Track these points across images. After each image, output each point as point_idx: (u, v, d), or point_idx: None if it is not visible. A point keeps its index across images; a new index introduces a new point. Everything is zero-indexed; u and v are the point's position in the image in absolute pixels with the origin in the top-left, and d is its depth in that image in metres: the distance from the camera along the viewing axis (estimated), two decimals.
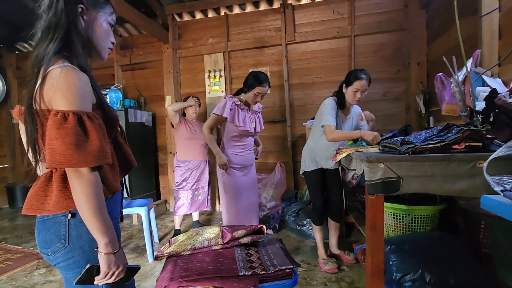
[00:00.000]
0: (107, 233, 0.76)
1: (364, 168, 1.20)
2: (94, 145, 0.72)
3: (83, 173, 0.72)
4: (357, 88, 1.88)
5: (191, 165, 2.85)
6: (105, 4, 0.89)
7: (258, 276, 1.00)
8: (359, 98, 1.91)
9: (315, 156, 2.11)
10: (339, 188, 2.13)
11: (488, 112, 1.35)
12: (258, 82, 1.97)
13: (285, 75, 3.55)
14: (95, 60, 0.92)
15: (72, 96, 0.72)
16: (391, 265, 1.46)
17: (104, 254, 0.77)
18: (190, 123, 2.91)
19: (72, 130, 0.70)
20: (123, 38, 4.22)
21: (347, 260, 2.18)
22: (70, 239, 0.81)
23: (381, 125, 3.21)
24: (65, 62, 0.75)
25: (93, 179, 0.74)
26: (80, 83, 0.74)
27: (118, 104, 3.67)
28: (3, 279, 2.16)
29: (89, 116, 0.74)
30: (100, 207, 0.75)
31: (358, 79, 1.87)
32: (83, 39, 0.82)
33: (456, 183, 1.10)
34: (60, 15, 0.77)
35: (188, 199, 2.87)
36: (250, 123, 2.13)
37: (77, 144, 0.70)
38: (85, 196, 0.73)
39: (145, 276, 2.11)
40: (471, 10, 2.05)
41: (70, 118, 0.70)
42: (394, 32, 3.24)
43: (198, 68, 3.88)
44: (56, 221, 0.80)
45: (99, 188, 0.76)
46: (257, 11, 3.69)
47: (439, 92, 2.05)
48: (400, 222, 1.78)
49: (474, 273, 1.40)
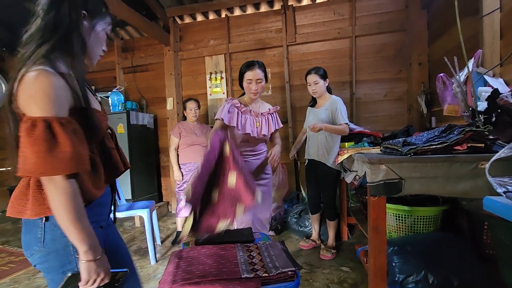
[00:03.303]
0: (86, 241, 0.75)
1: (366, 170, 1.20)
2: (66, 152, 0.69)
3: (56, 181, 0.71)
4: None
5: (192, 167, 2.86)
6: (106, 14, 0.91)
7: (260, 279, 1.00)
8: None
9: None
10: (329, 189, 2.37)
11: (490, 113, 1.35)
12: (245, 67, 1.83)
13: (286, 76, 3.55)
14: (85, 65, 0.92)
15: (42, 102, 0.69)
16: (394, 266, 1.45)
17: (84, 261, 0.76)
18: (190, 127, 2.90)
19: (41, 137, 0.67)
20: (124, 41, 4.24)
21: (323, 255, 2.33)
22: (45, 242, 0.81)
23: (383, 126, 3.21)
24: (46, 66, 0.72)
25: (68, 187, 0.72)
26: (52, 88, 0.71)
27: (120, 106, 3.69)
28: (6, 281, 2.17)
29: (61, 123, 0.70)
30: (78, 215, 0.73)
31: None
32: (82, 43, 0.82)
33: (458, 184, 1.09)
34: (62, 18, 0.77)
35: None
36: (252, 126, 1.88)
37: (46, 152, 0.67)
38: (60, 204, 0.72)
39: (147, 279, 2.11)
40: (472, 10, 2.04)
41: (38, 125, 0.68)
42: (395, 33, 3.24)
43: (199, 70, 3.90)
44: (34, 224, 0.81)
45: (75, 196, 0.74)
46: (258, 13, 3.70)
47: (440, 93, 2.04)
48: (402, 223, 1.78)
49: (477, 275, 1.39)
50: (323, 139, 2.25)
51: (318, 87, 2.20)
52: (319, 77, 2.19)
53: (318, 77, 2.18)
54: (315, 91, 2.22)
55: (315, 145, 2.31)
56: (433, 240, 1.58)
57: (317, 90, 2.22)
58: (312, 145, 2.34)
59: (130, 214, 2.43)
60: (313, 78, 2.19)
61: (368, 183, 1.19)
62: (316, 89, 2.21)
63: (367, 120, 3.31)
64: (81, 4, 0.82)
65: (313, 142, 2.34)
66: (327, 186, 2.36)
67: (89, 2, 0.84)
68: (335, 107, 2.18)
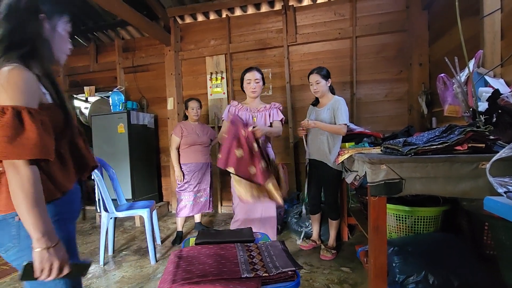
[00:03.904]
0: (40, 228, 0.76)
1: (366, 170, 1.20)
2: (30, 138, 0.73)
3: (18, 166, 0.74)
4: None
5: (192, 167, 2.86)
6: (64, 13, 0.95)
7: (260, 279, 1.00)
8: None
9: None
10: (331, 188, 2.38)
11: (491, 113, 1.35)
12: (244, 72, 2.13)
13: (287, 76, 3.55)
14: (53, 65, 0.97)
15: (13, 92, 0.74)
16: (394, 267, 1.45)
17: (37, 249, 0.77)
18: (192, 127, 2.90)
19: (8, 123, 0.72)
20: (125, 41, 4.25)
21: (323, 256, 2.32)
22: (20, 239, 0.83)
23: (383, 126, 3.21)
24: (18, 64, 0.78)
25: (30, 174, 0.75)
26: (23, 80, 0.77)
27: (120, 106, 3.70)
28: (6, 281, 2.17)
29: (30, 112, 0.75)
30: (36, 201, 0.76)
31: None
32: (47, 46, 0.88)
33: (459, 184, 1.09)
34: (23, 25, 0.83)
35: (190, 201, 2.87)
36: (247, 120, 2.10)
37: (11, 137, 0.72)
38: (19, 188, 0.74)
39: (147, 278, 2.11)
40: (473, 10, 2.04)
41: (7, 113, 0.72)
42: (395, 33, 3.24)
43: (200, 70, 3.90)
44: (7, 222, 0.83)
45: (35, 183, 0.76)
46: (259, 13, 3.70)
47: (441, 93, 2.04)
48: (403, 223, 1.78)
49: (478, 275, 1.39)
50: (324, 139, 2.25)
51: (319, 87, 2.24)
52: (321, 77, 2.22)
53: (320, 77, 2.22)
54: (316, 90, 2.26)
55: (316, 145, 2.31)
56: (433, 241, 1.58)
57: (318, 90, 2.26)
58: (314, 145, 2.34)
59: (130, 214, 2.43)
60: (315, 78, 2.23)
61: (369, 183, 1.19)
62: (318, 88, 2.25)
63: (367, 120, 3.31)
64: (37, 8, 0.86)
65: (314, 142, 2.34)
66: (329, 186, 2.36)
67: (45, 4, 0.88)
68: (336, 107, 2.19)
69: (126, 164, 3.50)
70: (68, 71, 4.51)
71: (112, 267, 2.35)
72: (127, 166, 3.50)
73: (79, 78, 4.51)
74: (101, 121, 3.63)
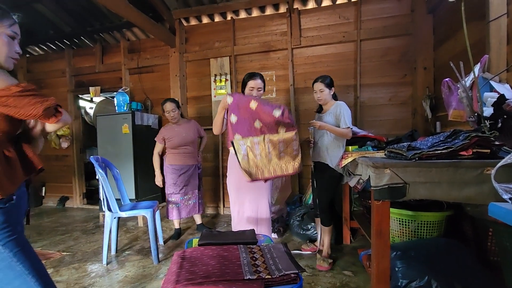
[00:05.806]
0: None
1: (370, 174, 1.20)
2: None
3: None
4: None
5: (179, 167, 2.87)
6: (3, 17, 0.97)
7: (263, 281, 1.00)
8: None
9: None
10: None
11: (496, 118, 1.35)
12: (248, 77, 2.12)
13: (291, 79, 3.56)
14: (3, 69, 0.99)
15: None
16: (397, 271, 1.45)
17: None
18: (175, 130, 2.88)
19: None
20: (130, 42, 4.29)
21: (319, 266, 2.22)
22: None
23: (387, 130, 3.20)
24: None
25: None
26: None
27: (125, 107, 3.72)
28: None
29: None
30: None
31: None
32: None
33: (463, 189, 1.09)
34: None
35: (178, 203, 2.89)
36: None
37: None
38: None
39: (150, 278, 2.12)
40: (479, 15, 2.03)
41: None
42: (400, 37, 3.24)
43: (204, 71, 3.92)
44: None
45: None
46: (263, 16, 3.72)
47: (446, 98, 2.04)
48: (406, 228, 1.77)
49: (481, 281, 1.38)
50: (329, 141, 2.23)
51: (323, 95, 2.28)
52: (325, 86, 2.26)
53: (323, 86, 2.26)
54: (320, 98, 2.30)
55: (320, 147, 2.31)
56: (436, 246, 1.58)
57: (322, 98, 2.29)
58: (318, 147, 2.33)
59: (133, 214, 2.44)
60: (319, 86, 2.28)
61: (372, 187, 1.19)
62: (321, 96, 2.29)
63: (371, 124, 3.30)
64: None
65: (319, 144, 2.33)
66: (324, 188, 2.30)
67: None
68: (338, 111, 2.19)
69: (130, 165, 3.52)
70: (74, 72, 4.56)
71: (115, 266, 2.36)
72: (131, 166, 3.52)
73: (85, 78, 4.56)
74: (106, 121, 3.66)
